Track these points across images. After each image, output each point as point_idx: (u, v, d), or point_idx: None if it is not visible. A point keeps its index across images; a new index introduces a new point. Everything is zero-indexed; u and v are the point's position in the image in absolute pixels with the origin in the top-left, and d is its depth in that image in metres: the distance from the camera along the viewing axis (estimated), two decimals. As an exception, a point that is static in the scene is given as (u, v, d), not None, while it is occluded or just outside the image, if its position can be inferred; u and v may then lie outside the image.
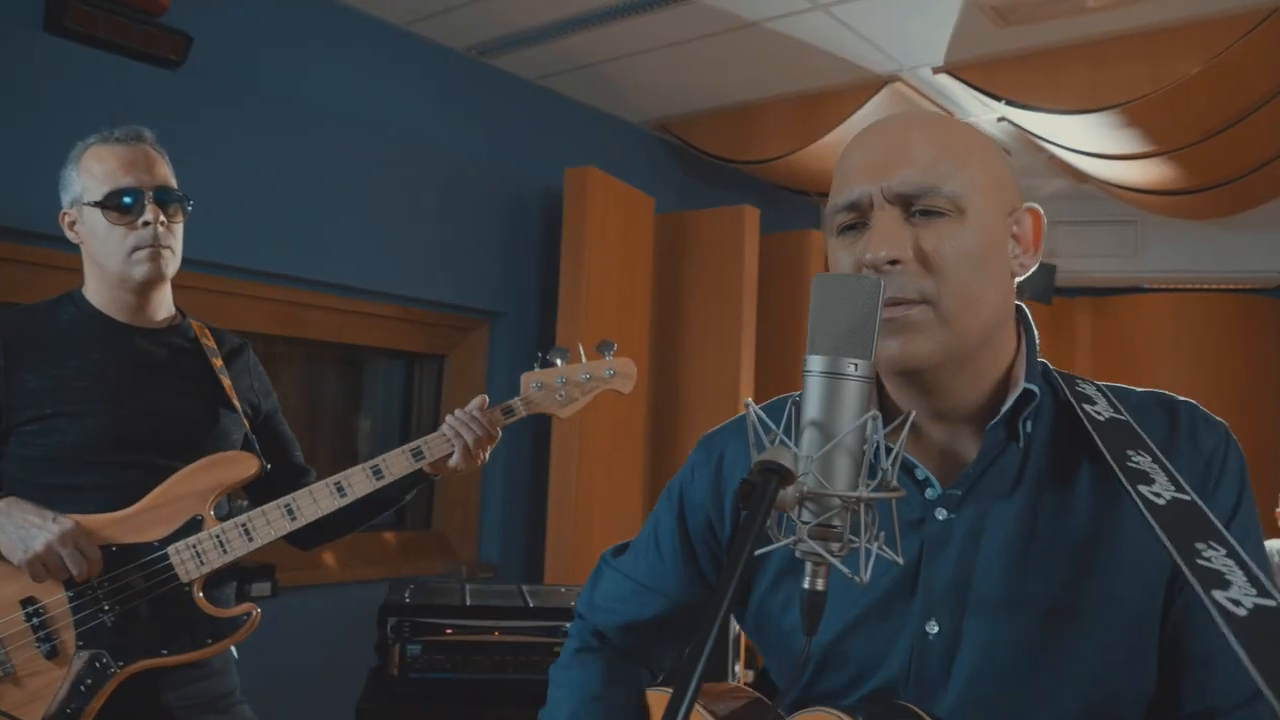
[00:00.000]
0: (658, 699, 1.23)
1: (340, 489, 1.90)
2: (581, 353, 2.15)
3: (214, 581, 1.87)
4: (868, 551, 0.84)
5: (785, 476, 0.78)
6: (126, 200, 1.80)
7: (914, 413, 0.92)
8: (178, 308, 1.99)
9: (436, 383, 3.81)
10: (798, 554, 0.85)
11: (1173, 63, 3.28)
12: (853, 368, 0.85)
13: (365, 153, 3.33)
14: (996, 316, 1.01)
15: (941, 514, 1.03)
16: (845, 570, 0.83)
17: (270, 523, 1.86)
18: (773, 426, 0.85)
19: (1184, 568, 0.82)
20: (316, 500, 1.89)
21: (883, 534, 0.85)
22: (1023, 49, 3.50)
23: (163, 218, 1.83)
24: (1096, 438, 0.98)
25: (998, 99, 3.65)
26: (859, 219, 1.00)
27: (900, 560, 0.87)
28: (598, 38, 3.57)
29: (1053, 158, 4.54)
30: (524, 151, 3.91)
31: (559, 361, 2.13)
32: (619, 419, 3.74)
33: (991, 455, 1.03)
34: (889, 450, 0.89)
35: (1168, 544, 0.85)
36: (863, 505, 0.82)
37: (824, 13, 3.31)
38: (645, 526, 1.28)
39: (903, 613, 1.03)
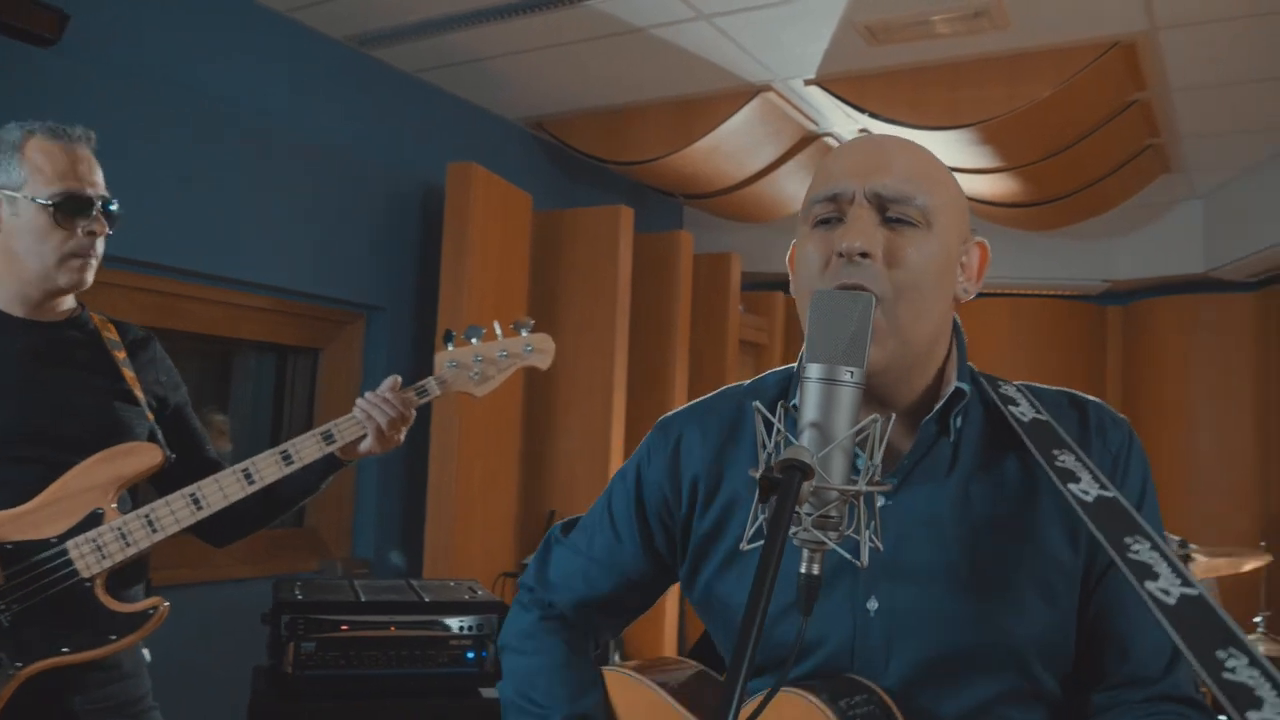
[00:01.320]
0: (615, 679, 1.29)
1: (248, 476, 1.87)
2: (498, 330, 2.16)
3: (121, 581, 1.82)
4: (852, 538, 0.93)
5: (807, 473, 0.86)
6: (79, 207, 1.76)
7: (894, 416, 1.01)
8: (78, 300, 1.93)
9: (310, 377, 3.74)
10: (796, 542, 0.93)
11: (1026, 86, 3.53)
12: (848, 375, 0.95)
13: (242, 140, 3.25)
14: (938, 332, 1.12)
15: (879, 500, 1.11)
16: (845, 554, 0.92)
17: (174, 512, 1.82)
18: (780, 426, 0.93)
19: (1118, 561, 0.93)
20: (224, 488, 1.86)
21: (874, 523, 0.94)
22: (890, 67, 3.69)
23: (108, 230, 1.80)
24: (1025, 438, 1.09)
25: (863, 112, 3.85)
26: (835, 213, 1.09)
27: (881, 547, 0.96)
28: (480, 35, 3.58)
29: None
30: (402, 145, 3.88)
31: (474, 340, 2.13)
32: (495, 415, 3.76)
33: (925, 447, 1.13)
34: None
35: (1101, 539, 0.96)
36: (861, 498, 0.91)
37: (708, 23, 3.41)
38: (596, 508, 1.34)
39: (844, 592, 1.11)
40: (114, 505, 1.79)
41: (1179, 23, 3.18)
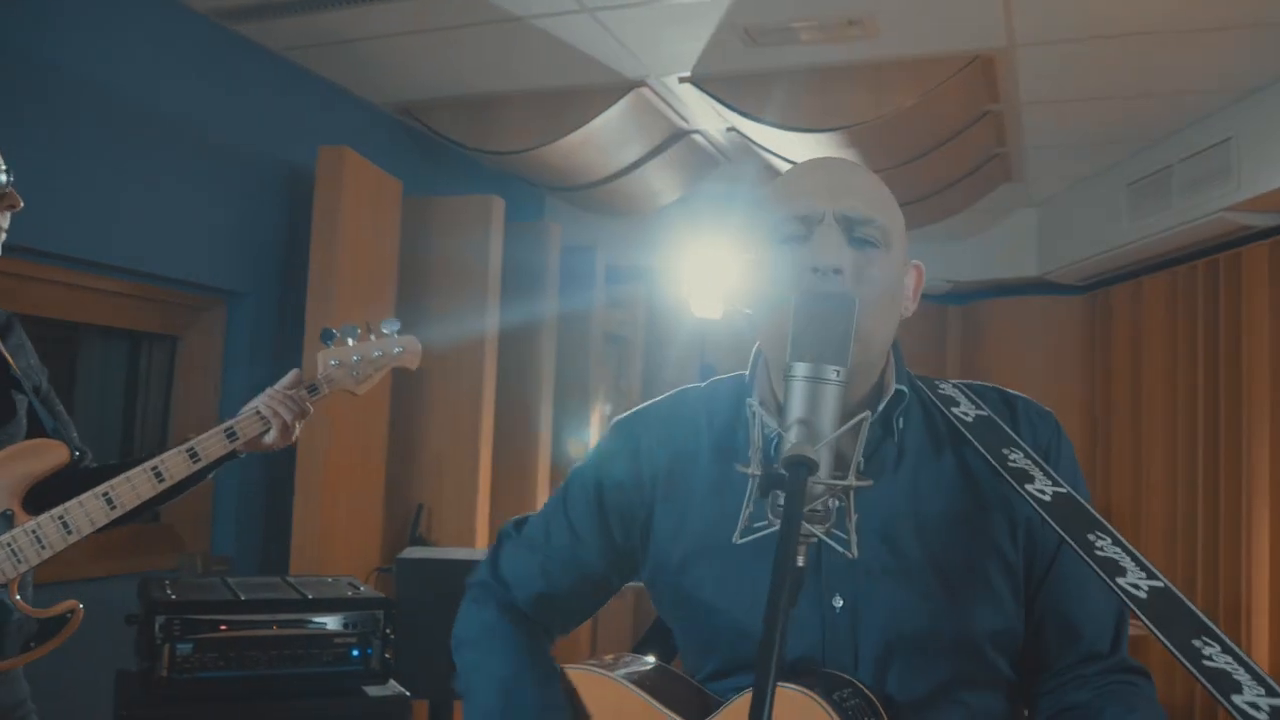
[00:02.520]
0: (580, 677, 1.29)
1: (158, 474, 1.81)
2: (370, 331, 2.17)
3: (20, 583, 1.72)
4: (840, 532, 0.98)
5: (811, 467, 0.89)
6: None
7: (869, 414, 1.05)
8: None
9: (168, 365, 3.56)
10: (771, 534, 0.97)
11: (892, 94, 3.68)
12: (834, 374, 0.99)
13: (95, 114, 3.06)
14: (888, 342, 1.21)
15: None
16: (837, 547, 0.96)
17: (89, 513, 1.74)
18: (773, 424, 0.97)
19: (1086, 560, 1.00)
20: (135, 487, 1.79)
21: (857, 516, 0.98)
22: (763, 69, 3.78)
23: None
24: (973, 439, 1.16)
25: (736, 111, 3.93)
26: (805, 232, 1.16)
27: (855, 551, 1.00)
28: (352, 16, 3.47)
29: (766, 167, 4.92)
30: (267, 125, 3.73)
31: (350, 340, 2.13)
32: (363, 408, 3.65)
33: (872, 447, 1.20)
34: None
35: (1065, 538, 1.03)
36: (852, 492, 0.95)
37: (591, 16, 3.42)
38: (550, 507, 1.37)
39: (810, 591, 1.16)
40: (21, 507, 1.68)
41: (1036, 41, 3.38)
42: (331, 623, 2.53)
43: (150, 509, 1.93)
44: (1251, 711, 0.84)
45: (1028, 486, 1.09)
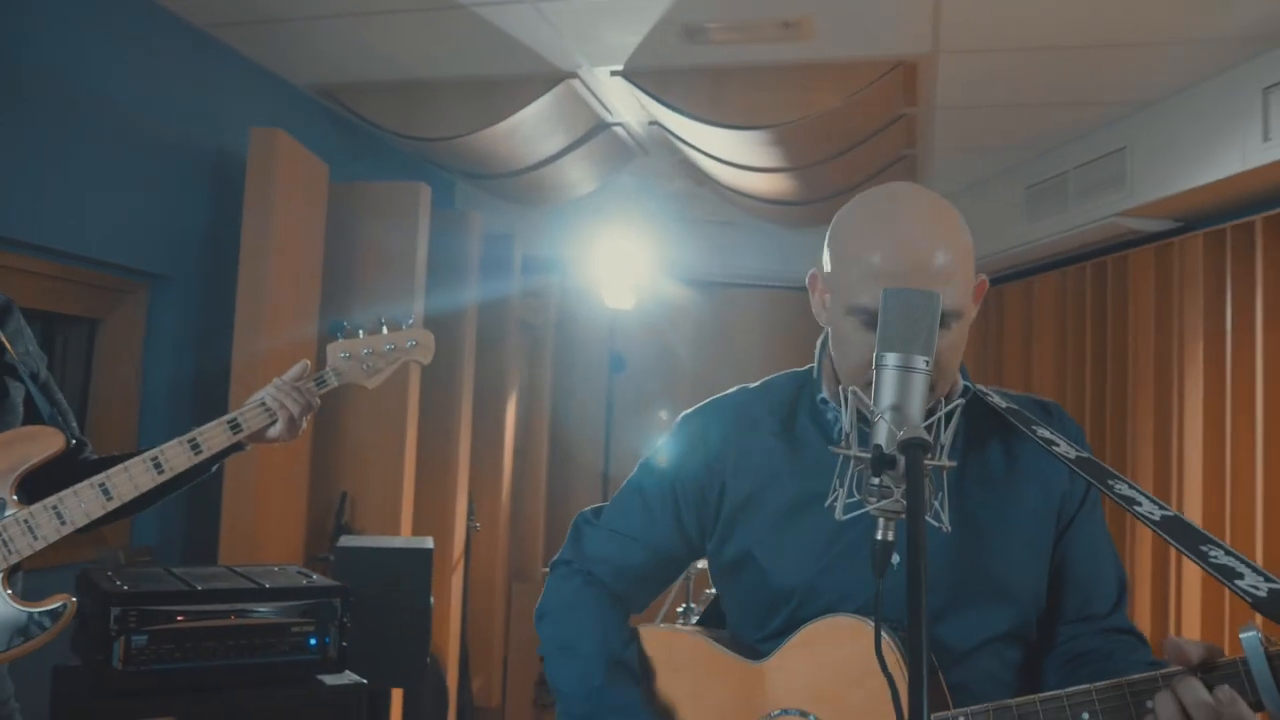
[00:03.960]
0: (654, 634, 1.45)
1: (158, 465, 1.77)
2: (383, 323, 2.15)
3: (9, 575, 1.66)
4: (926, 508, 1.07)
5: (927, 448, 0.97)
6: None
7: (961, 403, 1.14)
8: None
9: (87, 350, 3.43)
10: (874, 512, 1.05)
11: (819, 95, 3.81)
12: (923, 363, 1.07)
13: (11, 91, 2.92)
14: (960, 360, 1.31)
15: None
16: (933, 522, 1.05)
17: (84, 504, 1.69)
18: (871, 407, 1.05)
19: (1110, 495, 1.14)
20: (133, 477, 1.74)
21: (940, 493, 1.08)
22: (696, 65, 3.86)
23: None
24: (1008, 416, 1.29)
25: (666, 106, 4.00)
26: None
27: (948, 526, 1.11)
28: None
29: (683, 161, 5.01)
30: (190, 103, 3.61)
31: (361, 333, 2.12)
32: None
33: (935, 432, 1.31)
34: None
35: (1094, 482, 1.16)
36: (945, 471, 1.04)
37: (532, 5, 3.42)
38: (626, 495, 1.50)
39: (869, 555, 1.26)
40: (14, 495, 1.62)
41: (960, 49, 3.55)
42: (288, 611, 2.50)
43: (151, 502, 1.88)
44: (1252, 590, 0.99)
45: (1055, 449, 1.22)
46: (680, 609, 4.15)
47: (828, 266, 1.34)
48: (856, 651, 1.19)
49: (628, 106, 4.37)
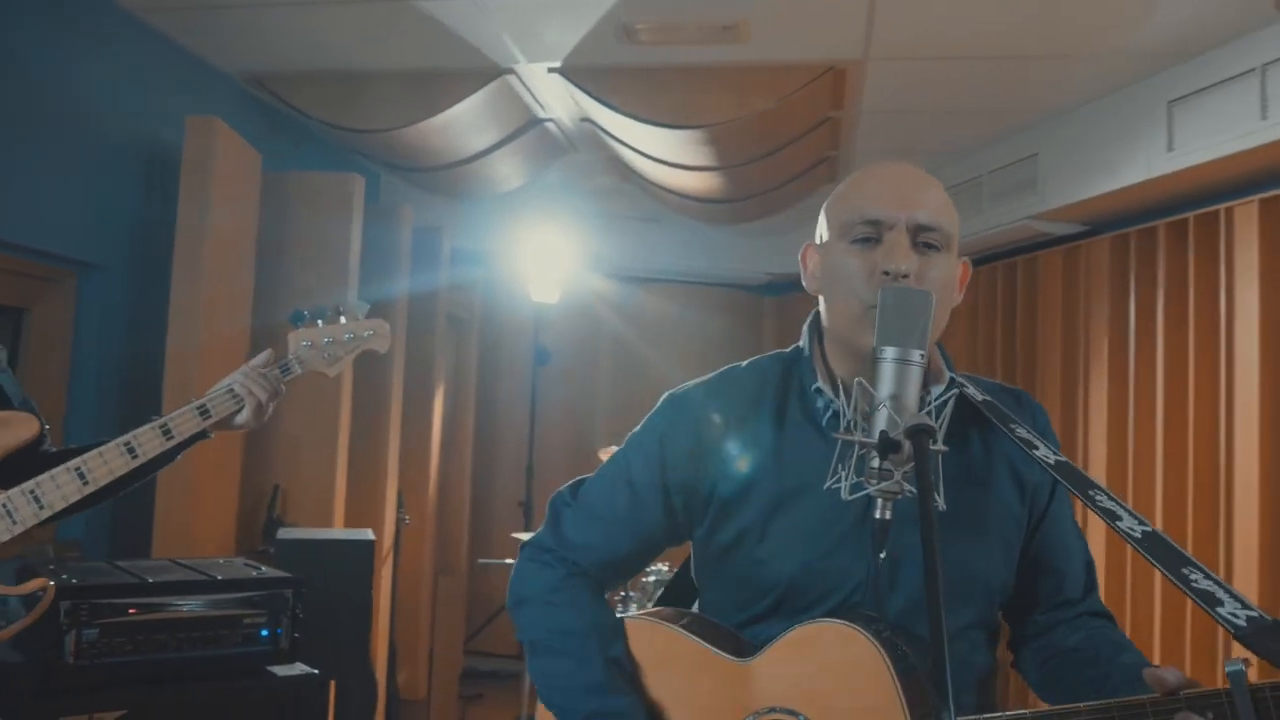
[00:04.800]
0: (638, 626, 1.43)
1: (131, 449, 1.77)
2: (340, 313, 2.17)
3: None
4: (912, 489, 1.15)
5: (932, 434, 1.06)
6: None
7: (955, 393, 1.23)
8: None
9: (13, 340, 3.34)
10: (874, 493, 1.13)
11: (752, 96, 3.91)
12: (918, 356, 1.16)
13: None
14: (939, 332, 1.37)
15: None
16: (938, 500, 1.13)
17: (61, 488, 1.69)
18: (874, 393, 1.13)
19: (1092, 508, 1.21)
20: (108, 462, 1.74)
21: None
22: (633, 64, 3.93)
23: None
24: (988, 413, 1.36)
25: (602, 103, 4.06)
26: (874, 234, 1.32)
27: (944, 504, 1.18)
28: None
29: (611, 158, 5.07)
30: (120, 89, 3.53)
31: (319, 321, 2.13)
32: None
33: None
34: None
35: (1074, 492, 1.24)
36: (940, 456, 1.12)
37: (472, 0, 3.45)
38: (610, 475, 1.48)
39: (857, 543, 1.34)
40: None
41: (889, 56, 3.68)
42: (240, 603, 2.50)
43: (123, 487, 1.88)
44: (1231, 619, 1.06)
45: (1035, 452, 1.29)
46: (619, 596, 4.22)
47: (825, 221, 1.42)
48: (846, 656, 1.23)
49: (561, 102, 4.41)
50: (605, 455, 4.38)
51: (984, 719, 1.14)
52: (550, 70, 4.01)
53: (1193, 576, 1.11)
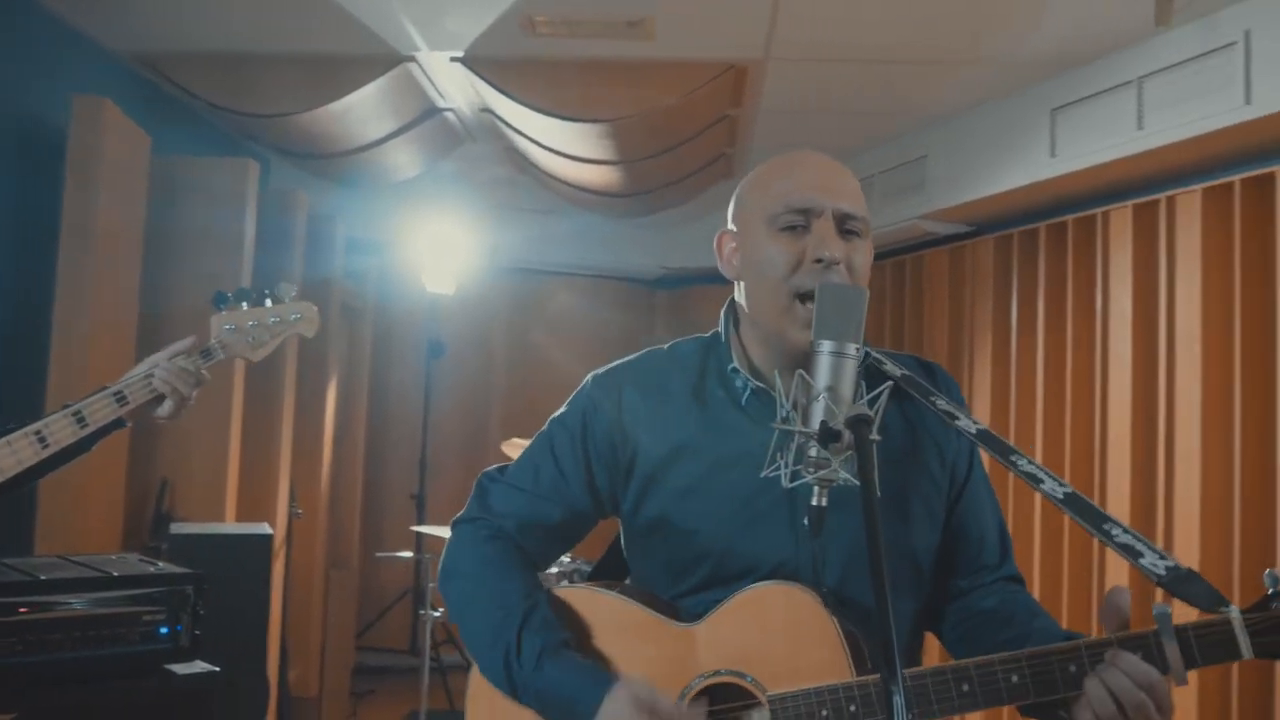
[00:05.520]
0: (575, 594, 1.46)
1: (41, 438, 1.71)
2: (266, 295, 2.12)
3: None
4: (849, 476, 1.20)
5: (870, 424, 1.11)
6: None
7: (890, 384, 1.28)
8: None
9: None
10: (811, 479, 1.17)
11: (655, 92, 3.95)
12: (853, 349, 1.21)
13: None
14: None
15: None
16: (856, 482, 1.18)
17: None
18: (817, 386, 1.17)
19: (1015, 472, 1.29)
20: (16, 451, 1.68)
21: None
22: (536, 56, 3.92)
23: None
24: (907, 388, 1.43)
25: (505, 95, 4.04)
26: (802, 222, 1.36)
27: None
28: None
29: (509, 149, 5.05)
30: (3, 67, 3.37)
31: (244, 304, 2.08)
32: (106, 376, 3.43)
33: None
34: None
35: (998, 457, 1.32)
36: (874, 444, 1.17)
37: (379, -14, 3.41)
38: (535, 452, 1.52)
39: (785, 515, 1.39)
40: None
41: (789, 57, 3.76)
42: (137, 600, 2.43)
43: (31, 479, 1.80)
44: (1152, 568, 1.16)
45: (957, 422, 1.36)
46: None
47: (741, 208, 1.47)
48: (793, 617, 1.29)
49: (461, 92, 4.38)
50: (507, 448, 4.37)
51: (934, 669, 1.20)
52: (452, 59, 3.98)
53: (1114, 531, 1.21)
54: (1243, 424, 3.24)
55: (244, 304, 2.09)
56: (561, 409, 1.54)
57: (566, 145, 4.41)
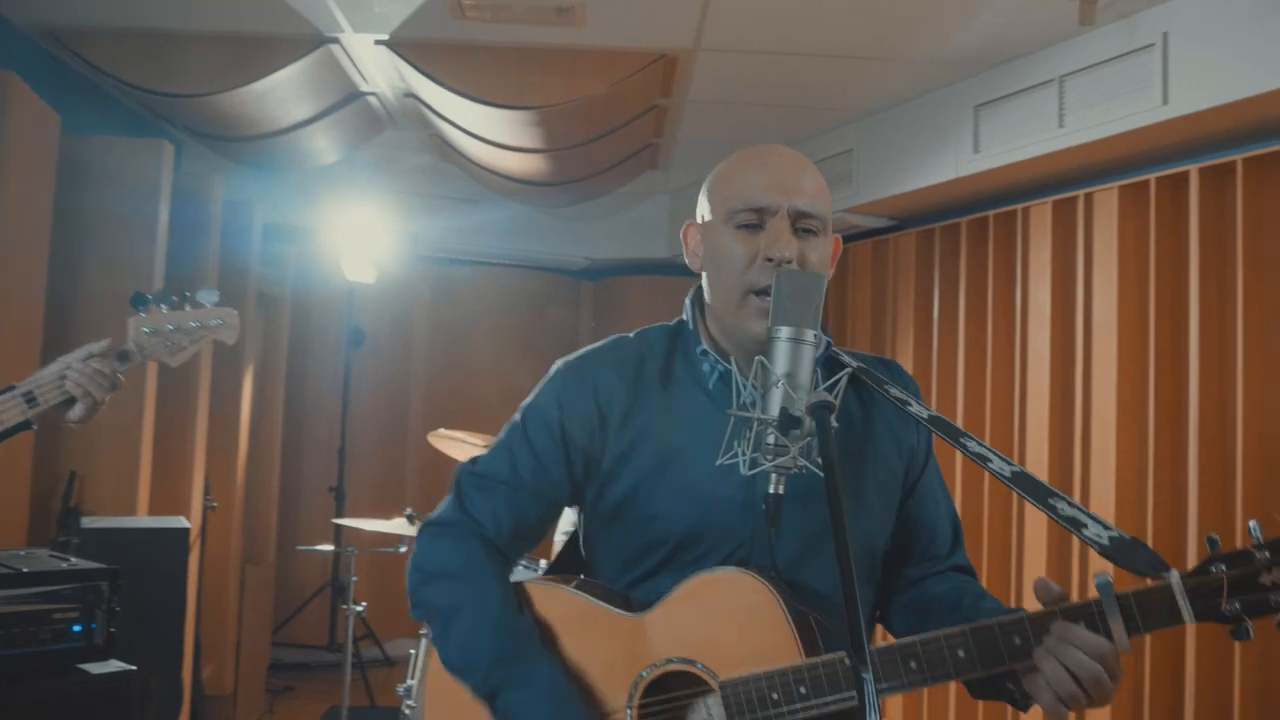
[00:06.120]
0: (540, 590, 1.44)
1: (-55, 438, 1.60)
2: (186, 300, 2.05)
3: None
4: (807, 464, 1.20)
5: (832, 409, 1.10)
6: None
7: (848, 372, 1.28)
8: None
9: None
10: (769, 467, 1.17)
11: (585, 80, 3.92)
12: (811, 336, 1.21)
13: None
14: None
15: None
16: (814, 469, 1.17)
17: None
18: (778, 373, 1.16)
19: (965, 453, 1.31)
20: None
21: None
22: (464, 41, 3.86)
23: None
24: (863, 377, 1.44)
25: (431, 79, 3.97)
26: (757, 220, 1.37)
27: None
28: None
29: (433, 135, 4.97)
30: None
31: (164, 307, 2.00)
32: (9, 366, 3.29)
33: None
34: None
35: (948, 440, 1.33)
36: (831, 432, 1.17)
37: (302, -35, 3.31)
38: (510, 444, 1.49)
39: (744, 498, 1.39)
40: None
41: (719, 47, 3.76)
42: (49, 598, 2.33)
43: None
44: (1096, 539, 1.19)
45: (910, 409, 1.38)
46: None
47: (707, 202, 1.47)
48: (742, 603, 1.29)
49: (385, 76, 4.29)
50: (434, 439, 4.31)
51: (881, 648, 1.21)
52: (377, 42, 3.89)
53: (1059, 506, 1.23)
54: (1156, 416, 3.34)
55: (163, 307, 2.02)
56: (531, 397, 1.52)
57: (493, 132, 4.35)
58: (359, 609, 4.12)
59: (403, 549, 4.10)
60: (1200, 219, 3.24)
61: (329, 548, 5.21)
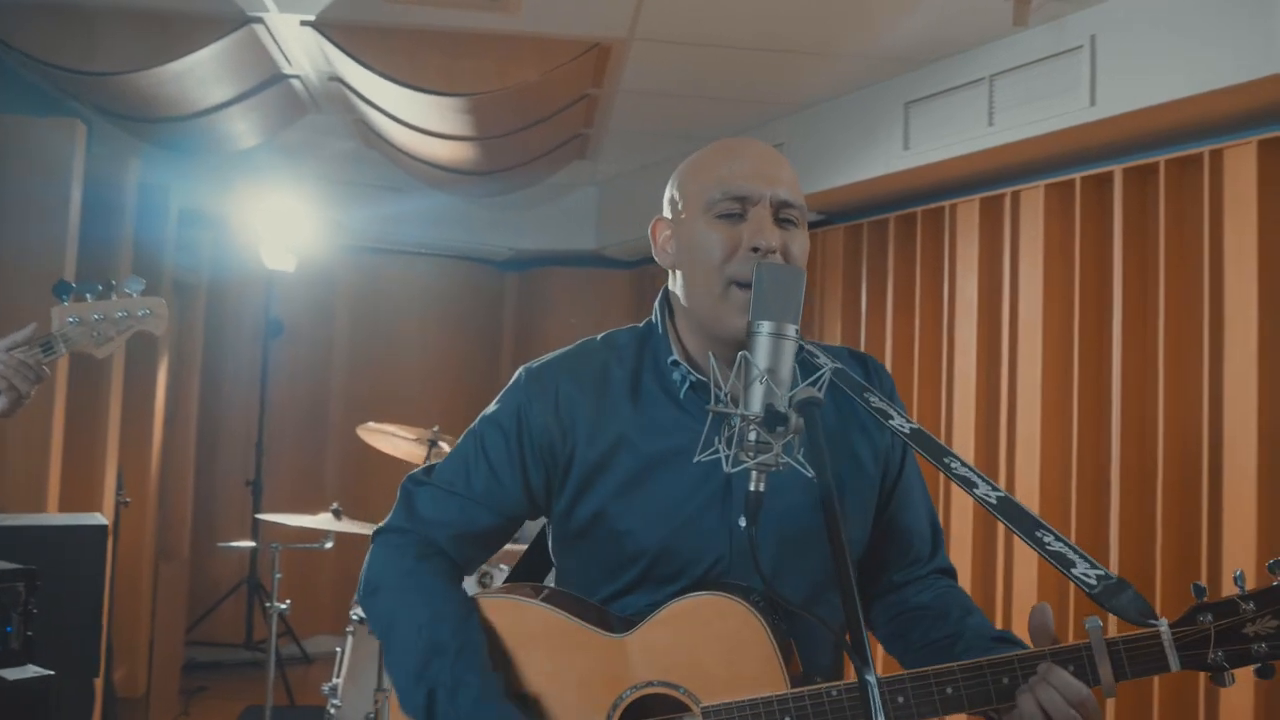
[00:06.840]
0: (499, 605, 1.38)
1: None
2: (111, 289, 1.96)
3: None
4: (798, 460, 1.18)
5: (820, 405, 1.09)
6: None
7: (830, 368, 1.26)
8: None
9: None
10: (751, 464, 1.15)
11: (518, 68, 3.86)
12: (792, 330, 1.19)
13: None
14: None
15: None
16: (797, 465, 1.15)
17: None
18: (760, 368, 1.13)
19: (949, 475, 1.29)
20: None
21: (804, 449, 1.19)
22: (394, 24, 3.77)
23: None
24: (841, 384, 1.41)
25: (359, 63, 3.87)
26: (739, 210, 1.34)
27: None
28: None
29: (358, 121, 4.86)
30: None
31: (89, 296, 1.91)
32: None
33: None
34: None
35: (930, 459, 1.31)
36: (820, 430, 1.15)
37: (228, -59, 3.19)
38: (465, 453, 1.43)
39: (719, 513, 1.37)
40: None
41: (654, 37, 3.74)
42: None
43: None
44: (1084, 578, 1.18)
45: (890, 422, 1.36)
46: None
47: (678, 194, 1.43)
48: (727, 628, 1.26)
49: (310, 58, 4.17)
50: (363, 433, 4.21)
51: (880, 679, 1.18)
52: (303, 23, 3.77)
53: (1046, 539, 1.22)
54: (1080, 410, 3.42)
55: (88, 296, 1.93)
56: (492, 406, 1.46)
57: (421, 119, 4.26)
58: (283, 607, 4.01)
59: (328, 545, 4.00)
60: (1124, 218, 3.33)
61: (250, 544, 5.06)
